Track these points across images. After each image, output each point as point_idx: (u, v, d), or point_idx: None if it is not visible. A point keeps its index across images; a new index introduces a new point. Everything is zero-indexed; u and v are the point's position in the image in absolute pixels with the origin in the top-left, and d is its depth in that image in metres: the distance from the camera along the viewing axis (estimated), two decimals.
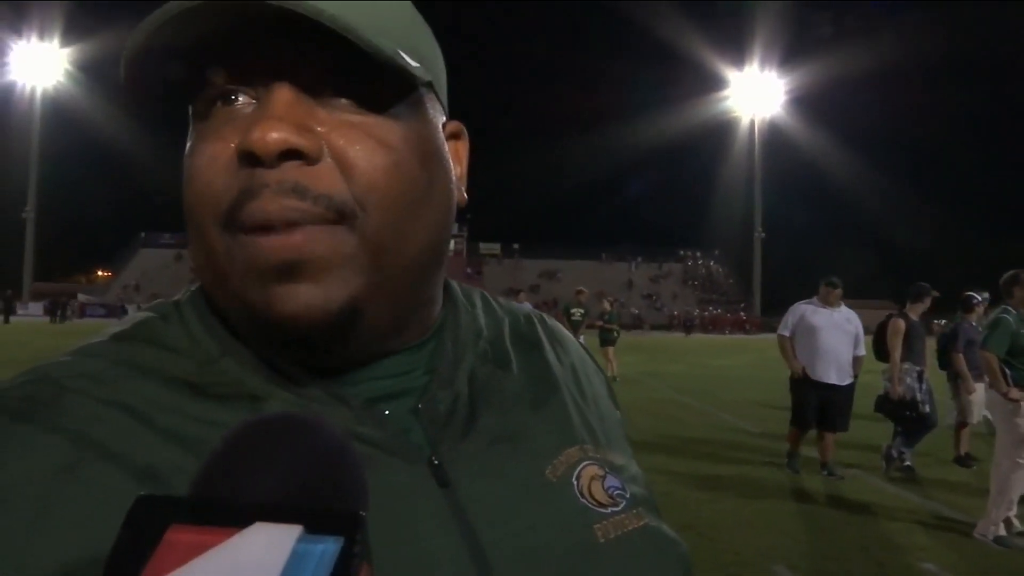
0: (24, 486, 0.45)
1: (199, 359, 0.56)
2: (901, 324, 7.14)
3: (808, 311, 7.17)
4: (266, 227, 0.49)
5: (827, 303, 7.15)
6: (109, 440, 0.49)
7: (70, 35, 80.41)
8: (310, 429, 0.36)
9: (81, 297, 62.63)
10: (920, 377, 7.08)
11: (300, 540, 0.28)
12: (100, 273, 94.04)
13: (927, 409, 6.98)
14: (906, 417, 7.09)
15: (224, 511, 0.30)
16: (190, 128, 0.55)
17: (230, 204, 0.50)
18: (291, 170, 0.49)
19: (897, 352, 7.04)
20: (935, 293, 7.40)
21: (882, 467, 7.20)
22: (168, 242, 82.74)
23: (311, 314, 0.50)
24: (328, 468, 0.34)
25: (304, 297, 0.50)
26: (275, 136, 0.47)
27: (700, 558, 4.43)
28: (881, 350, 7.45)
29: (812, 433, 7.10)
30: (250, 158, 0.48)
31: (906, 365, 7.07)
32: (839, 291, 7.14)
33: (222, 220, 0.50)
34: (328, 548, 0.28)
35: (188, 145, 0.54)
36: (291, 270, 0.49)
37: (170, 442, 0.49)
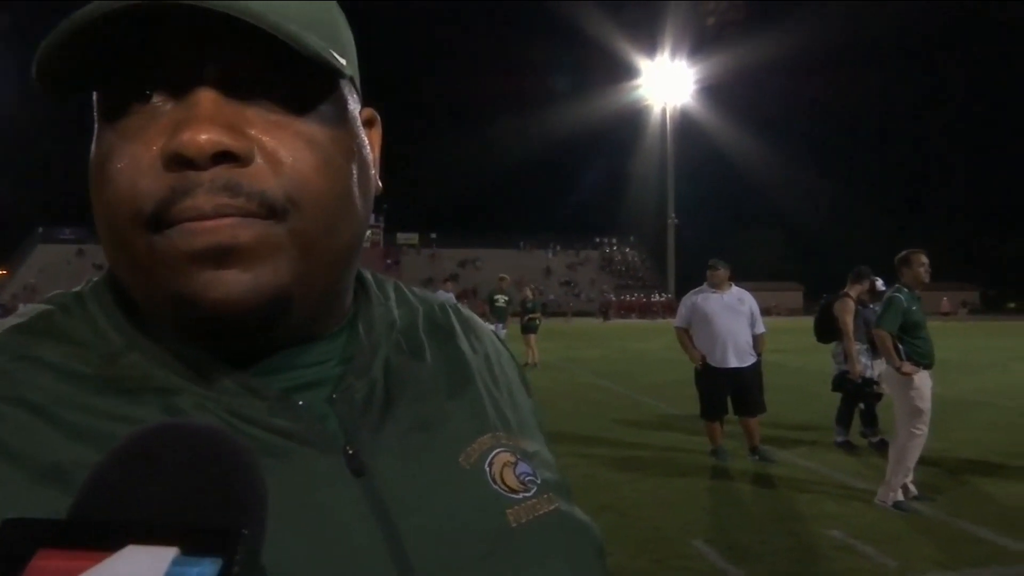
0: None
1: (104, 353, 0.54)
2: (851, 303, 7.29)
3: (699, 299, 7.11)
4: (199, 220, 0.48)
5: (715, 286, 7.09)
6: (9, 439, 0.46)
7: None
8: (197, 438, 0.34)
9: None
10: (868, 355, 7.30)
11: (174, 563, 0.27)
12: None
13: (884, 389, 7.03)
14: (868, 394, 7.20)
15: (95, 533, 0.28)
16: (97, 125, 0.53)
17: (157, 204, 0.48)
18: (223, 171, 0.48)
19: (850, 329, 7.15)
20: (876, 277, 7.58)
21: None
22: (68, 237, 78.76)
23: (241, 299, 0.49)
24: (215, 479, 0.33)
25: (233, 283, 0.49)
26: (208, 138, 0.46)
27: (622, 536, 4.51)
28: (824, 331, 7.67)
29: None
30: (181, 160, 0.47)
31: (856, 345, 7.21)
32: (722, 271, 7.07)
33: (145, 220, 0.48)
34: (204, 571, 0.27)
35: (99, 143, 0.52)
36: (220, 256, 0.48)
37: (77, 439, 0.47)
